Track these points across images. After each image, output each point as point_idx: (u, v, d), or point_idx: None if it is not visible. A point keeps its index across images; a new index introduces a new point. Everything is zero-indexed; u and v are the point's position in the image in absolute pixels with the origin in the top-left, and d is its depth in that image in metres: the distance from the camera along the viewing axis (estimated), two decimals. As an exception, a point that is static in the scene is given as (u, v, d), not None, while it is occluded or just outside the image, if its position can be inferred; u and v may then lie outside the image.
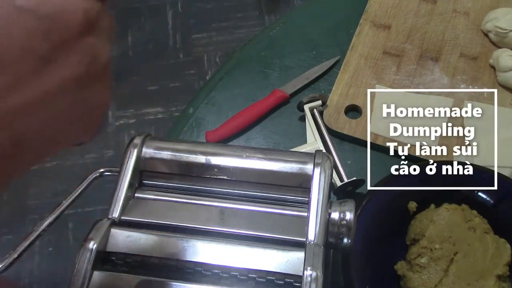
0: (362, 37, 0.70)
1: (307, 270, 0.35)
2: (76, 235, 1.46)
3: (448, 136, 0.62)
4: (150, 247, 0.37)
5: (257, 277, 0.36)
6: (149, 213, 0.39)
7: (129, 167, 0.40)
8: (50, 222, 0.40)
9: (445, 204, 0.53)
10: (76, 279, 0.35)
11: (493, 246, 0.50)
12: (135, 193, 0.41)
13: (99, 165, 0.44)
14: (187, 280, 0.36)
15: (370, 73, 0.67)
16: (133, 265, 0.37)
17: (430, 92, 0.66)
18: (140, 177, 0.42)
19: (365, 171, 0.59)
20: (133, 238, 0.37)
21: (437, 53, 0.69)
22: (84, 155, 1.58)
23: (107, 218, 0.38)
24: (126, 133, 1.63)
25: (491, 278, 0.48)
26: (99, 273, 0.35)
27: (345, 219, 0.38)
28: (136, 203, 0.40)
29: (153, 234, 0.38)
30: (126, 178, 0.40)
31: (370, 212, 0.51)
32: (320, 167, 0.40)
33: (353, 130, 0.63)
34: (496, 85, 0.66)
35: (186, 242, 0.37)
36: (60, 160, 1.58)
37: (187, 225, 0.39)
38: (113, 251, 0.37)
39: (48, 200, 1.51)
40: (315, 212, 0.38)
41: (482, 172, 0.54)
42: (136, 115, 1.64)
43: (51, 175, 1.56)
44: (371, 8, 0.73)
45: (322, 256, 0.36)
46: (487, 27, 0.69)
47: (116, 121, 1.65)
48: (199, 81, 1.61)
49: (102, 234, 0.36)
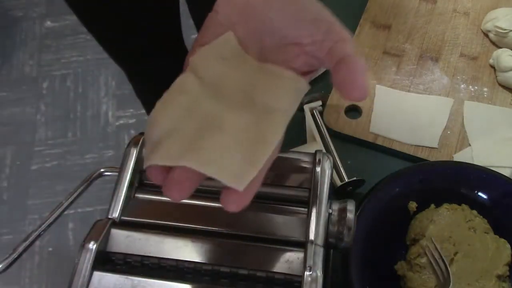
0: (362, 37, 0.70)
1: (307, 270, 0.35)
2: (76, 235, 1.46)
3: (448, 136, 0.62)
4: (150, 247, 0.37)
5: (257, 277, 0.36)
6: (149, 213, 0.39)
7: (129, 167, 0.40)
8: (50, 222, 0.40)
9: (445, 204, 0.53)
10: (76, 279, 0.35)
11: (493, 246, 0.50)
12: (135, 193, 0.41)
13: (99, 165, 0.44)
14: (187, 280, 0.36)
15: (370, 73, 0.67)
16: (133, 265, 0.37)
17: (430, 92, 0.66)
18: (140, 177, 0.42)
19: (365, 171, 0.59)
20: (133, 238, 0.37)
21: (437, 53, 0.69)
22: (84, 155, 1.59)
23: (107, 218, 0.38)
24: (126, 133, 1.63)
25: (491, 278, 0.48)
26: (99, 273, 0.35)
27: (345, 219, 0.38)
28: (136, 203, 0.40)
29: (153, 234, 0.38)
30: (126, 178, 0.40)
31: (370, 212, 0.51)
32: (320, 167, 0.40)
33: (353, 130, 0.63)
34: (496, 85, 0.66)
35: (186, 242, 0.37)
36: (60, 160, 1.58)
37: (187, 225, 0.39)
38: (113, 251, 0.37)
39: (48, 200, 1.51)
40: (315, 212, 0.38)
41: (482, 172, 0.54)
42: (136, 115, 1.64)
43: (51, 175, 1.56)
44: (371, 8, 0.73)
45: (322, 256, 0.36)
46: (487, 27, 0.69)
47: (116, 121, 1.65)
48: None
49: (102, 234, 0.36)
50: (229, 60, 0.32)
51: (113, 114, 1.66)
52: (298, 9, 0.31)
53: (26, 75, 1.74)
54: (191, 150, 0.28)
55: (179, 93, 0.30)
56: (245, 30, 0.32)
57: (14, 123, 1.66)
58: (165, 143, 0.28)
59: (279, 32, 0.31)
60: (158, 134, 0.29)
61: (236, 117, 0.30)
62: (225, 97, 0.31)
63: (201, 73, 0.31)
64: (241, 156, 0.28)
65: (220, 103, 0.30)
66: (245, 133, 0.29)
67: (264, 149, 0.29)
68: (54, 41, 1.79)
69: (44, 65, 1.76)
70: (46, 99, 1.69)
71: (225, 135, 0.29)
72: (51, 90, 1.71)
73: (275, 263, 0.36)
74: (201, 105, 0.30)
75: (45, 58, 1.77)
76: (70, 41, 1.78)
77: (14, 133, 1.64)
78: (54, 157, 1.59)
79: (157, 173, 0.28)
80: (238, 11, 0.32)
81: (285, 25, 0.31)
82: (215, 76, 0.31)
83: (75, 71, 1.74)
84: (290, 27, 0.31)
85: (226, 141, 0.29)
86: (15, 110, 1.68)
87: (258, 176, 0.29)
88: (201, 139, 0.28)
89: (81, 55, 1.75)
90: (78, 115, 1.66)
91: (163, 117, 0.29)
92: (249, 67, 0.32)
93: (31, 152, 1.60)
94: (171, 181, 0.27)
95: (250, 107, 0.30)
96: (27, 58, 1.77)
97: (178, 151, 0.28)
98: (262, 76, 0.31)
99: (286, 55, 0.32)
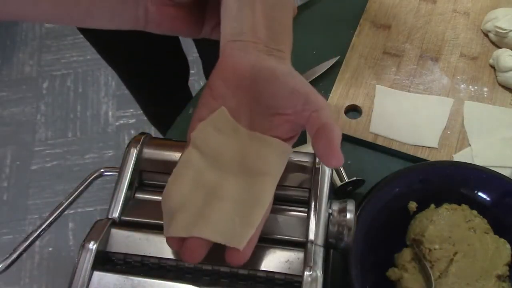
0: (362, 37, 0.70)
1: (307, 270, 0.35)
2: (76, 235, 1.46)
3: (448, 136, 0.62)
4: (150, 247, 0.37)
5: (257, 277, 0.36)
6: (149, 213, 0.39)
7: (129, 167, 0.40)
8: (50, 222, 0.40)
9: (445, 204, 0.53)
10: (76, 279, 0.35)
11: (493, 246, 0.50)
12: (135, 193, 0.41)
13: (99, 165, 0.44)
14: (187, 280, 0.36)
15: (370, 73, 0.67)
16: (133, 265, 0.37)
17: (430, 92, 0.66)
18: (140, 177, 0.42)
19: (365, 171, 0.59)
20: (133, 238, 0.37)
21: (437, 53, 0.69)
22: (84, 155, 1.59)
23: (107, 218, 0.38)
24: (126, 133, 1.63)
25: (491, 278, 0.48)
26: (99, 273, 0.35)
27: (345, 219, 0.38)
28: (136, 203, 0.40)
29: (153, 234, 0.38)
30: (126, 178, 0.40)
31: (370, 212, 0.51)
32: (320, 167, 0.40)
33: (353, 130, 0.63)
34: (496, 85, 0.66)
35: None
36: (60, 160, 1.58)
37: (187, 225, 0.39)
38: (113, 251, 0.37)
39: (48, 200, 1.51)
40: (315, 212, 0.38)
41: (482, 172, 0.54)
42: (136, 115, 1.64)
43: (51, 175, 1.56)
44: (371, 8, 0.73)
45: (322, 256, 0.36)
46: (487, 27, 0.69)
47: (116, 121, 1.65)
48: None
49: (102, 234, 0.36)
50: (224, 132, 0.37)
51: (113, 114, 1.66)
52: (280, 82, 0.36)
53: (26, 75, 1.74)
54: (199, 222, 0.34)
55: (186, 169, 0.36)
56: (236, 102, 0.37)
57: (14, 123, 1.66)
58: (178, 216, 0.34)
59: (266, 103, 0.36)
60: (172, 207, 0.35)
61: (233, 183, 0.36)
62: (223, 166, 0.36)
63: (201, 147, 0.37)
64: (239, 220, 0.34)
65: (220, 171, 0.36)
66: (241, 197, 0.35)
67: (258, 211, 0.34)
68: (54, 41, 1.79)
69: (44, 65, 1.76)
70: (46, 99, 1.69)
71: (225, 202, 0.35)
72: (51, 90, 1.71)
73: (275, 263, 0.36)
74: (204, 176, 0.36)
75: (45, 58, 1.77)
76: (70, 41, 1.79)
77: (14, 133, 1.64)
78: (54, 157, 1.59)
79: (175, 242, 0.34)
80: (229, 86, 0.37)
81: (270, 97, 0.36)
82: (213, 147, 0.37)
83: (75, 71, 1.74)
84: (274, 98, 0.36)
85: (226, 208, 0.35)
86: (15, 110, 1.68)
87: (255, 234, 0.34)
88: (206, 209, 0.34)
89: (81, 55, 1.75)
90: (78, 115, 1.66)
91: (175, 192, 0.35)
92: (241, 136, 0.37)
93: (31, 152, 1.60)
94: (186, 249, 0.33)
95: (244, 173, 0.36)
96: (27, 58, 1.78)
97: (190, 223, 0.34)
98: (253, 144, 0.37)
99: (272, 124, 0.37)
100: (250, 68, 0.36)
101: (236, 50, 0.36)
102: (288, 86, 0.35)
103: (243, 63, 0.36)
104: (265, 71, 0.36)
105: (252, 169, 0.36)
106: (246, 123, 0.37)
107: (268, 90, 0.36)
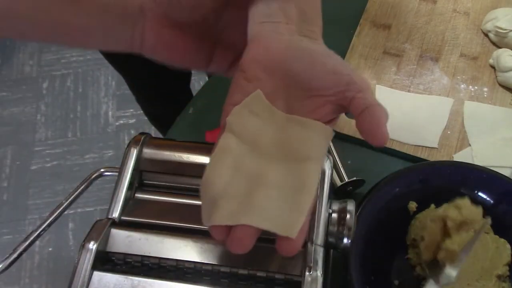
0: (362, 37, 0.70)
1: (307, 270, 0.35)
2: (76, 235, 1.46)
3: (448, 136, 0.62)
4: (150, 247, 0.37)
5: (257, 277, 0.36)
6: (149, 213, 0.39)
7: (129, 167, 0.40)
8: (50, 222, 0.40)
9: (445, 204, 0.53)
10: (76, 279, 0.35)
11: (493, 246, 0.50)
12: (135, 193, 0.41)
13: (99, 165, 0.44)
14: (187, 280, 0.36)
15: (370, 73, 0.67)
16: (133, 265, 0.37)
17: (430, 92, 0.66)
18: (140, 177, 0.42)
19: (365, 171, 0.59)
20: (133, 238, 0.37)
21: (437, 53, 0.69)
22: (84, 155, 1.59)
23: (107, 218, 0.38)
24: (126, 133, 1.63)
25: (491, 278, 0.48)
26: (99, 273, 0.35)
27: (345, 219, 0.38)
28: (136, 203, 0.40)
29: (153, 234, 0.38)
30: (126, 178, 0.40)
31: (370, 212, 0.51)
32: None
33: (353, 130, 0.63)
34: (496, 85, 0.66)
35: (185, 242, 0.37)
36: (60, 160, 1.58)
37: (187, 225, 0.39)
38: (113, 251, 0.37)
39: (48, 200, 1.51)
40: (315, 212, 0.38)
41: (482, 172, 0.54)
42: (136, 115, 1.64)
43: (51, 175, 1.56)
44: (371, 8, 0.73)
45: (322, 256, 0.36)
46: (487, 27, 0.69)
47: (116, 121, 1.65)
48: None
49: (102, 234, 0.36)
50: (260, 116, 0.35)
51: (113, 114, 1.66)
52: (318, 63, 0.34)
53: (26, 75, 1.74)
54: (247, 208, 0.32)
55: (224, 155, 0.34)
56: (272, 85, 0.35)
57: (14, 123, 1.66)
58: (221, 203, 0.32)
59: (303, 85, 0.34)
60: (213, 194, 0.32)
61: (276, 169, 0.34)
62: (263, 151, 0.34)
63: (238, 132, 0.34)
64: (288, 207, 0.32)
65: (260, 158, 0.34)
66: (287, 183, 0.33)
67: (307, 197, 0.32)
68: (54, 41, 1.79)
69: (44, 65, 1.76)
70: (46, 99, 1.69)
71: (270, 189, 0.33)
72: (51, 90, 1.71)
73: (275, 263, 0.36)
74: (245, 162, 0.34)
75: (45, 58, 1.77)
76: (70, 41, 1.78)
77: (14, 133, 1.64)
78: (54, 157, 1.59)
79: (220, 231, 0.32)
80: (263, 68, 0.34)
81: (308, 78, 0.34)
82: (251, 132, 0.35)
83: (75, 71, 1.74)
84: (313, 80, 0.34)
85: (272, 194, 0.32)
86: (15, 110, 1.68)
87: (305, 222, 0.32)
88: (251, 196, 0.32)
89: (81, 55, 1.75)
90: (78, 115, 1.66)
91: (216, 178, 0.33)
92: (279, 119, 0.35)
93: (31, 152, 1.60)
94: (234, 238, 0.31)
95: (286, 158, 0.34)
96: (27, 58, 1.77)
97: (236, 211, 0.31)
98: (292, 127, 0.34)
99: (311, 106, 0.34)
100: (284, 49, 0.34)
101: (267, 31, 0.35)
102: (327, 66, 0.34)
103: (276, 44, 0.34)
104: (301, 51, 0.34)
105: (294, 154, 0.34)
106: (282, 107, 0.35)
107: (306, 71, 0.34)
